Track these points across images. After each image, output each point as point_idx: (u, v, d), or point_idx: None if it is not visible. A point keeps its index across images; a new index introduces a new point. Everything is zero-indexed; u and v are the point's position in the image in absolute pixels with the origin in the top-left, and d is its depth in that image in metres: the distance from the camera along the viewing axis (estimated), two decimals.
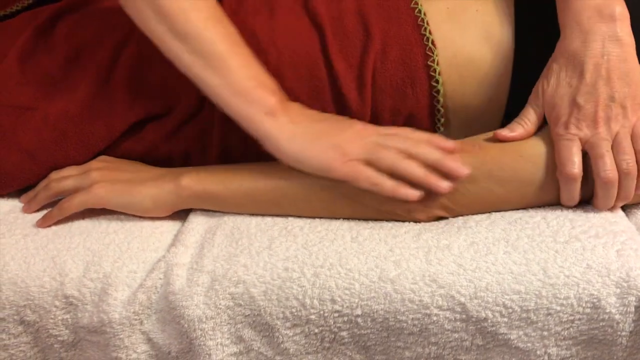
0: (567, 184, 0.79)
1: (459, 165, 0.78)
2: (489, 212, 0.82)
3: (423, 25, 0.85)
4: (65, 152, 0.87)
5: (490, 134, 0.83)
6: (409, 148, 0.79)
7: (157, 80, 0.87)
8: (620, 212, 0.82)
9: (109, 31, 0.87)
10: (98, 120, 0.87)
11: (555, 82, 0.79)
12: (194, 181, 0.83)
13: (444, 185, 0.77)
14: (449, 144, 0.80)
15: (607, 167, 0.77)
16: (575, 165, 0.78)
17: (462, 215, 0.82)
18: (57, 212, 0.84)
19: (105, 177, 0.84)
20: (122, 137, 0.88)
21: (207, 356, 0.76)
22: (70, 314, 0.78)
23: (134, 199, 0.84)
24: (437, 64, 0.85)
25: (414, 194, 0.77)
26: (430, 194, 0.79)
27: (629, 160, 0.78)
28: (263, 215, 0.84)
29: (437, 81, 0.85)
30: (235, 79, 0.79)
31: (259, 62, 0.81)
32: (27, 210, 0.87)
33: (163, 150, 0.88)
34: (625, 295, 0.72)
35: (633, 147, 0.78)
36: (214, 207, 0.85)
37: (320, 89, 0.85)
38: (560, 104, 0.79)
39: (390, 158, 0.78)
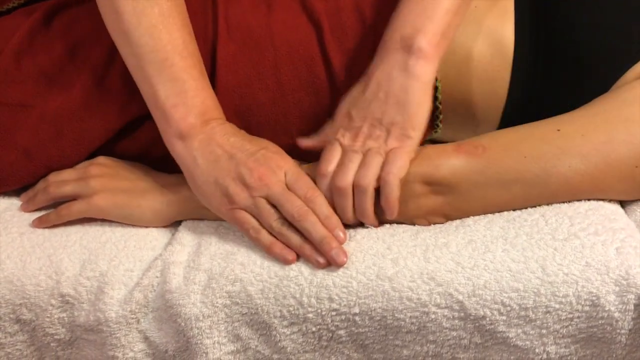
0: (318, 183, 0.79)
1: (338, 254, 0.75)
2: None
3: None
4: (61, 150, 0.87)
5: (491, 134, 0.82)
6: (295, 216, 0.76)
7: None
8: (620, 210, 0.81)
9: (106, 29, 0.86)
10: (94, 118, 0.87)
11: (346, 94, 0.82)
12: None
13: (321, 262, 0.75)
14: (340, 234, 0.76)
15: (342, 176, 0.77)
16: (330, 166, 0.78)
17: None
18: (54, 217, 0.84)
19: (105, 187, 0.84)
20: (118, 136, 0.88)
21: (204, 355, 0.76)
22: (66, 313, 0.78)
23: (133, 212, 0.84)
24: None
25: (288, 257, 0.76)
26: (435, 202, 0.79)
27: (369, 176, 0.77)
28: None
29: (435, 78, 0.85)
30: (158, 93, 0.79)
31: (198, 76, 0.80)
32: (25, 209, 0.87)
33: (159, 149, 0.87)
34: (625, 293, 0.72)
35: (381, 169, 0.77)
36: (216, 218, 0.83)
37: (318, 85, 0.85)
38: (339, 112, 0.81)
39: (269, 223, 0.77)
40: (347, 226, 0.79)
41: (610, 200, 0.82)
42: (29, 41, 0.87)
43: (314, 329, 0.74)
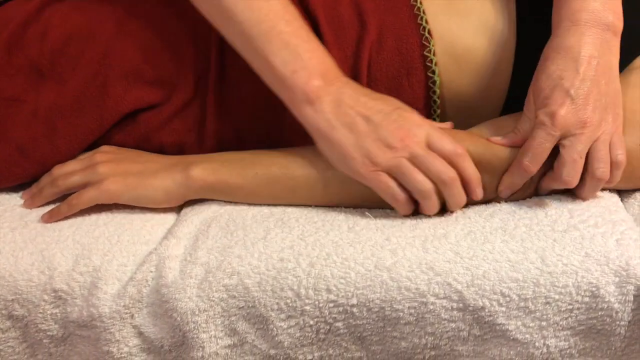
0: (517, 174, 0.79)
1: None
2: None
3: (419, 15, 0.85)
4: (55, 146, 0.86)
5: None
6: (444, 179, 0.77)
7: (150, 71, 0.86)
8: (620, 203, 0.81)
9: (100, 22, 0.86)
10: (89, 113, 0.86)
11: (544, 76, 0.78)
12: (206, 172, 0.82)
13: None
14: (479, 193, 0.79)
15: (572, 174, 0.77)
16: (538, 163, 0.78)
17: None
18: (66, 208, 0.83)
19: (114, 171, 0.83)
20: (113, 129, 0.87)
21: (201, 349, 0.75)
22: (59, 309, 0.77)
23: (146, 193, 0.83)
24: (434, 54, 0.84)
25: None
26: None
27: (604, 168, 0.77)
28: (275, 204, 0.84)
29: (433, 72, 0.85)
30: (274, 63, 0.78)
31: (308, 37, 0.79)
32: (30, 205, 0.86)
33: (155, 142, 0.87)
34: (624, 284, 0.72)
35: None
36: (225, 197, 0.84)
37: None
38: (550, 94, 0.77)
39: (413, 184, 0.77)
40: (347, 217, 0.78)
41: (610, 193, 0.82)
42: (21, 34, 0.86)
43: (311, 322, 0.74)
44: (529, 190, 0.82)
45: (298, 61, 0.78)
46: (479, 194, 0.79)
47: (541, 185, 0.81)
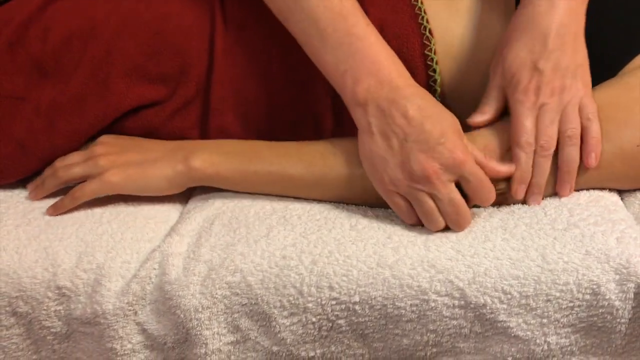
0: (521, 153, 0.79)
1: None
2: None
3: (420, 15, 0.85)
4: (53, 142, 0.86)
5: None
6: (451, 214, 0.76)
7: (153, 69, 0.86)
8: (620, 202, 0.82)
9: (102, 20, 0.86)
10: (90, 111, 0.86)
11: (516, 49, 0.79)
12: (206, 164, 0.83)
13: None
14: None
15: (548, 136, 0.78)
16: (531, 136, 0.78)
17: None
18: (69, 201, 0.84)
19: (114, 163, 0.83)
20: (115, 126, 0.87)
21: (204, 346, 0.75)
22: (63, 305, 0.77)
23: (148, 182, 0.83)
24: (435, 54, 0.85)
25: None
26: None
27: (574, 127, 0.79)
28: (270, 198, 0.84)
29: (434, 70, 0.85)
30: (328, 62, 0.78)
31: (365, 35, 0.77)
32: (33, 197, 0.86)
33: (156, 138, 0.87)
34: (625, 282, 0.72)
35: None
36: (225, 188, 0.84)
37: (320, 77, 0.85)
38: (521, 70, 0.79)
39: (423, 214, 0.76)
40: (350, 216, 0.80)
41: (610, 192, 0.82)
42: (23, 32, 0.87)
43: (313, 319, 0.74)
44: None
45: (349, 61, 0.77)
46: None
47: None
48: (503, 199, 0.81)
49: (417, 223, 0.78)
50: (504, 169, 0.78)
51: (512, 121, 0.79)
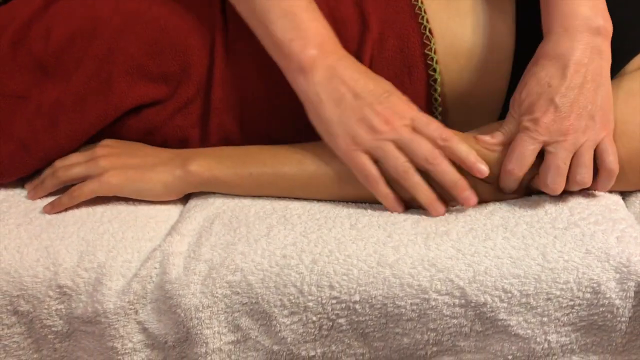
0: (505, 179, 0.79)
1: (470, 195, 0.78)
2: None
3: (420, 14, 0.85)
4: (56, 141, 0.86)
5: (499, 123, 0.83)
6: (429, 158, 0.77)
7: (154, 68, 0.86)
8: (620, 201, 0.82)
9: (104, 19, 0.86)
10: (92, 110, 0.86)
11: (534, 82, 0.78)
12: (202, 168, 0.84)
13: (440, 210, 0.78)
14: (483, 168, 0.78)
15: (557, 181, 0.78)
16: (523, 168, 0.78)
17: None
18: (67, 199, 0.84)
19: (114, 165, 0.84)
20: (116, 125, 0.87)
21: (204, 345, 0.75)
22: (64, 304, 0.77)
23: (146, 186, 0.84)
24: (435, 53, 0.85)
25: (398, 209, 0.79)
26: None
27: (585, 174, 0.78)
28: (269, 197, 0.85)
29: (434, 70, 0.85)
30: (274, 30, 0.79)
31: (308, 7, 0.80)
32: (32, 197, 0.87)
33: (158, 138, 0.88)
34: (625, 281, 0.72)
35: (595, 161, 0.78)
36: (224, 191, 0.85)
37: None
38: (536, 101, 0.78)
39: (394, 169, 0.77)
40: (350, 215, 0.79)
41: (611, 192, 0.82)
42: (25, 31, 0.87)
43: (314, 318, 0.74)
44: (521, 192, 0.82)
45: (296, 30, 0.79)
46: (481, 168, 0.78)
47: (531, 188, 0.82)
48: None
49: (382, 184, 0.78)
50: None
51: (512, 143, 0.79)
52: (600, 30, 0.78)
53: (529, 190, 0.82)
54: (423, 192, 0.78)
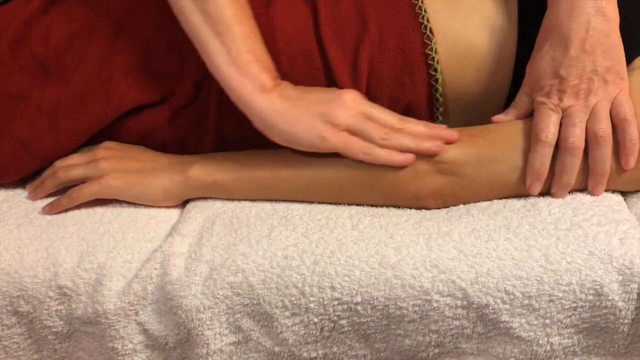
0: (539, 150, 0.79)
1: (452, 132, 0.79)
2: (497, 199, 0.81)
3: (420, 14, 0.85)
4: (57, 141, 0.86)
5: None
6: (395, 124, 0.79)
7: (154, 68, 0.86)
8: (623, 202, 0.81)
9: (104, 19, 0.86)
10: (92, 110, 0.86)
11: (539, 56, 0.80)
12: (202, 172, 0.83)
13: (435, 145, 0.78)
14: (447, 132, 0.80)
15: (576, 135, 0.78)
16: (550, 132, 0.78)
17: (471, 202, 0.81)
18: (66, 200, 0.84)
19: (115, 168, 0.84)
20: (115, 125, 0.87)
21: (205, 346, 0.75)
22: (64, 305, 0.77)
23: (145, 190, 0.84)
24: (436, 52, 0.84)
25: (407, 159, 0.79)
26: (440, 182, 0.80)
27: (605, 128, 0.78)
28: (269, 200, 0.84)
29: (435, 69, 0.85)
30: (235, 48, 0.79)
31: (259, 38, 0.81)
32: (33, 197, 0.87)
33: (157, 138, 0.88)
34: (628, 283, 0.72)
35: (611, 119, 0.79)
36: (224, 196, 0.85)
37: (317, 76, 0.85)
38: (543, 76, 0.79)
39: (378, 130, 0.79)
40: (351, 215, 0.78)
41: (613, 192, 0.82)
42: (26, 31, 0.87)
43: (315, 319, 0.74)
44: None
45: (253, 53, 0.80)
46: (449, 132, 0.80)
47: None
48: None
49: (381, 151, 0.79)
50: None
51: (533, 121, 0.80)
52: None
53: None
54: (407, 142, 0.79)
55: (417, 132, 0.79)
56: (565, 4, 0.78)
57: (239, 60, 0.79)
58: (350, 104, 0.79)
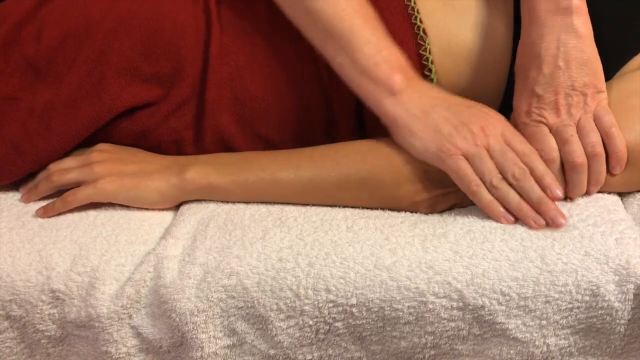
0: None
1: (557, 215, 0.76)
2: None
3: (413, 14, 0.85)
4: (49, 143, 0.86)
5: None
6: (516, 174, 0.77)
7: (148, 69, 0.85)
8: (619, 202, 0.81)
9: (97, 19, 0.86)
10: (84, 111, 0.86)
11: (516, 74, 0.81)
12: (199, 175, 0.83)
13: (539, 222, 0.76)
14: (558, 193, 0.78)
15: (575, 151, 0.78)
16: (553, 149, 0.78)
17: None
18: (60, 204, 0.83)
19: (110, 171, 0.83)
20: (109, 127, 0.87)
21: (200, 349, 0.75)
22: (57, 309, 0.77)
23: (141, 194, 0.83)
24: (430, 53, 0.84)
25: (506, 219, 0.77)
26: (441, 197, 0.80)
27: (595, 142, 0.78)
28: (265, 203, 0.84)
29: (430, 70, 0.85)
30: (359, 56, 0.79)
31: (384, 35, 0.81)
32: (26, 200, 0.86)
33: (152, 140, 0.87)
34: (624, 283, 0.71)
35: (598, 130, 0.79)
36: (220, 198, 0.84)
37: (315, 76, 0.84)
38: (519, 96, 0.80)
39: (489, 174, 0.77)
40: (346, 217, 0.78)
41: (609, 193, 0.81)
42: (17, 32, 0.86)
43: (310, 322, 0.74)
44: None
45: (379, 55, 0.79)
46: (555, 191, 0.77)
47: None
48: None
49: (487, 196, 0.77)
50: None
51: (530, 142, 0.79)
52: (571, 8, 0.78)
53: None
54: (512, 200, 0.77)
55: (527, 192, 0.77)
56: (536, 24, 0.79)
57: (365, 68, 0.79)
58: (480, 132, 0.77)
